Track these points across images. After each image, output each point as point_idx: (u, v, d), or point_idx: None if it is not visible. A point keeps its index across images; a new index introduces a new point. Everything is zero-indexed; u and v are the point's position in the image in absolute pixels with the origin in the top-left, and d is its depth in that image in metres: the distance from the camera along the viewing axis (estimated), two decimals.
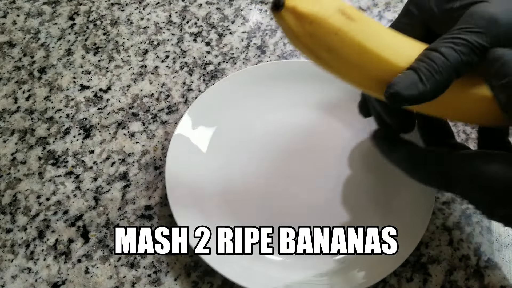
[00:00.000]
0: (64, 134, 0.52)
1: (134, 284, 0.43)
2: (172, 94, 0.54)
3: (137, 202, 0.47)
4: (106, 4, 0.62)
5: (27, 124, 0.53)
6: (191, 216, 0.44)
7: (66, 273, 0.44)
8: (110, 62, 0.57)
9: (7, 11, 0.62)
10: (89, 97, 0.54)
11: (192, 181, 0.46)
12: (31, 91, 0.55)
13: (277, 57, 0.56)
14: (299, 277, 0.41)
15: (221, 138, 0.49)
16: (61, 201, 0.47)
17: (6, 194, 0.48)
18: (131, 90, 0.54)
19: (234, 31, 0.58)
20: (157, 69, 0.56)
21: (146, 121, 0.52)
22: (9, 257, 0.45)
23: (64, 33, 0.60)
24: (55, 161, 0.50)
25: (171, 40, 0.58)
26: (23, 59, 0.58)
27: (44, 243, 0.45)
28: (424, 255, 0.43)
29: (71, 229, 0.46)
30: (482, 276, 0.42)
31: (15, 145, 0.51)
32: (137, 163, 0.49)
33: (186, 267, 0.43)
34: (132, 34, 0.59)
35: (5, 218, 0.47)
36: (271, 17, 0.60)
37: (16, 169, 0.50)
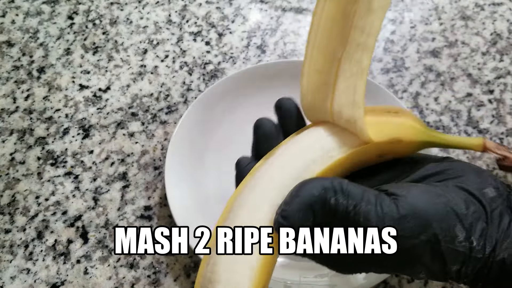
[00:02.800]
0: (63, 134, 0.52)
1: (134, 285, 0.43)
2: (172, 94, 0.54)
3: (137, 203, 0.47)
4: (105, 4, 0.62)
5: (26, 124, 0.52)
6: (191, 216, 0.44)
7: (65, 274, 0.43)
8: (109, 62, 0.57)
9: (6, 10, 0.62)
10: (88, 97, 0.54)
11: (192, 181, 0.46)
12: (30, 91, 0.55)
13: (277, 57, 0.56)
14: (299, 277, 0.41)
15: (221, 138, 0.49)
16: (60, 202, 0.47)
17: (5, 195, 0.48)
18: (131, 90, 0.54)
19: (234, 31, 0.58)
20: (156, 69, 0.56)
21: (145, 121, 0.52)
22: (8, 257, 0.44)
23: (63, 33, 0.59)
24: (54, 161, 0.50)
25: (171, 39, 0.58)
26: (22, 58, 0.58)
27: (43, 243, 0.45)
28: None
29: (70, 229, 0.46)
30: None
31: (14, 145, 0.51)
32: (137, 163, 0.49)
33: (186, 267, 0.43)
34: (131, 33, 0.59)
35: (4, 218, 0.47)
36: (271, 16, 0.59)
37: (15, 169, 0.50)
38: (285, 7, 0.60)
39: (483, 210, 0.28)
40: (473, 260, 0.27)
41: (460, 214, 0.27)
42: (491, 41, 0.56)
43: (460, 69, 0.54)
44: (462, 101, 0.51)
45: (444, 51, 0.55)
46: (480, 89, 0.52)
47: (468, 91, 0.52)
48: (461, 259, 0.27)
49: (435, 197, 0.28)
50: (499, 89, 0.52)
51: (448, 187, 0.29)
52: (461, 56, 0.55)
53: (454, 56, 0.55)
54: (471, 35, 0.56)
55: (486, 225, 0.27)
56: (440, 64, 0.54)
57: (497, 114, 0.50)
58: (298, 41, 0.57)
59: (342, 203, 0.27)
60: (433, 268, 0.28)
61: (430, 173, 0.30)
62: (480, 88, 0.52)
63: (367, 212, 0.27)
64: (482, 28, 0.57)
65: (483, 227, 0.27)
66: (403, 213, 0.27)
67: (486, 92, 0.52)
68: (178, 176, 0.46)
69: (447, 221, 0.27)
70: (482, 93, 0.52)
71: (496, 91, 0.52)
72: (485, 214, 0.28)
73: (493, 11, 0.58)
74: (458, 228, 0.27)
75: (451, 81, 0.53)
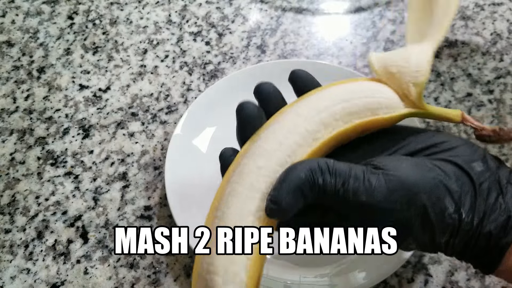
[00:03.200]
0: (63, 134, 0.52)
1: (134, 285, 0.43)
2: (172, 94, 0.54)
3: (137, 203, 0.47)
4: (105, 4, 0.62)
5: (26, 124, 0.52)
6: (190, 216, 0.44)
7: (65, 274, 0.43)
8: (109, 62, 0.57)
9: (6, 10, 0.62)
10: (88, 97, 0.54)
11: (192, 181, 0.46)
12: (30, 91, 0.55)
13: (277, 57, 0.56)
14: (299, 277, 0.41)
15: (221, 138, 0.49)
16: (60, 202, 0.47)
17: (5, 195, 0.48)
18: (131, 90, 0.54)
19: (234, 31, 0.58)
20: (156, 69, 0.56)
21: (145, 121, 0.52)
22: (8, 257, 0.44)
23: (63, 33, 0.59)
24: (54, 161, 0.50)
25: (171, 39, 0.58)
26: (22, 58, 0.58)
27: (43, 243, 0.45)
28: (425, 256, 0.43)
29: (70, 229, 0.46)
30: (483, 277, 0.41)
31: (14, 145, 0.51)
32: (137, 163, 0.49)
33: (186, 267, 0.43)
34: (131, 33, 0.59)
35: (4, 218, 0.47)
36: (271, 16, 0.59)
37: (15, 169, 0.50)
38: (285, 7, 0.60)
39: (471, 183, 0.28)
40: (461, 232, 0.28)
41: (449, 187, 0.28)
42: (491, 41, 0.56)
43: (460, 69, 0.54)
44: (462, 101, 0.51)
45: (444, 51, 0.55)
46: (480, 89, 0.52)
47: (468, 91, 0.52)
48: (450, 231, 0.28)
49: (424, 171, 0.28)
50: (499, 89, 0.52)
51: (437, 160, 0.29)
52: (461, 56, 0.55)
53: (454, 56, 0.55)
54: (471, 35, 0.56)
55: (475, 198, 0.28)
56: (440, 64, 0.54)
57: (497, 114, 0.50)
58: (298, 41, 0.57)
59: (330, 182, 0.27)
60: (423, 239, 0.29)
61: (420, 147, 0.30)
62: (480, 88, 0.52)
63: (356, 189, 0.27)
64: (482, 28, 0.57)
65: (471, 200, 0.28)
66: (392, 187, 0.27)
67: (486, 92, 0.52)
68: (178, 176, 0.46)
69: (437, 193, 0.28)
70: (482, 93, 0.52)
71: (496, 91, 0.52)
72: (473, 187, 0.28)
73: (493, 11, 0.58)
74: (448, 200, 0.28)
75: (451, 81, 0.53)
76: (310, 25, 0.59)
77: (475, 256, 0.29)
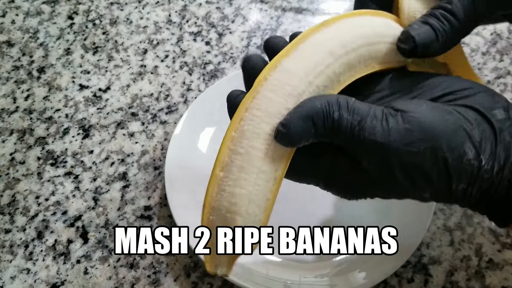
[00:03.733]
0: (63, 134, 0.52)
1: (134, 285, 0.43)
2: (172, 94, 0.54)
3: (137, 203, 0.47)
4: (105, 4, 0.62)
5: (26, 124, 0.53)
6: (190, 216, 0.43)
7: (65, 274, 0.43)
8: (109, 62, 0.57)
9: (6, 10, 0.62)
10: (88, 97, 0.54)
11: (192, 181, 0.46)
12: (30, 91, 0.55)
13: None
14: (299, 277, 0.41)
15: (221, 138, 0.49)
16: (60, 202, 0.47)
17: (5, 195, 0.48)
18: (131, 90, 0.54)
19: (234, 31, 0.58)
20: (156, 69, 0.56)
21: (145, 121, 0.52)
22: (8, 257, 0.44)
23: (63, 33, 0.59)
24: (54, 161, 0.50)
25: (171, 39, 0.58)
26: (22, 58, 0.58)
27: (43, 243, 0.45)
28: (425, 256, 0.43)
29: (70, 229, 0.46)
30: (484, 277, 0.41)
31: (14, 145, 0.51)
32: (137, 163, 0.49)
33: (186, 267, 0.43)
34: (131, 33, 0.59)
35: (4, 218, 0.47)
36: (271, 16, 0.59)
37: (15, 169, 0.50)
38: (285, 7, 0.60)
39: (492, 130, 0.27)
40: (480, 180, 0.27)
41: (470, 133, 0.27)
42: (491, 41, 0.56)
43: None
44: None
45: None
46: None
47: None
48: (468, 178, 0.27)
49: (444, 114, 0.27)
50: (499, 89, 0.52)
51: (457, 106, 0.28)
52: None
53: None
54: (471, 35, 0.56)
55: (495, 145, 0.27)
56: None
57: None
58: None
59: (347, 118, 0.27)
60: (440, 186, 0.27)
61: (438, 94, 0.29)
62: None
63: (372, 127, 0.27)
64: (482, 28, 0.57)
65: (492, 147, 0.27)
66: (409, 127, 0.27)
67: None
68: (178, 176, 0.46)
69: (456, 138, 0.27)
70: None
71: (496, 91, 0.52)
72: (494, 134, 0.27)
73: None
74: (468, 146, 0.27)
75: None
76: (310, 25, 0.58)
77: (492, 206, 0.28)
